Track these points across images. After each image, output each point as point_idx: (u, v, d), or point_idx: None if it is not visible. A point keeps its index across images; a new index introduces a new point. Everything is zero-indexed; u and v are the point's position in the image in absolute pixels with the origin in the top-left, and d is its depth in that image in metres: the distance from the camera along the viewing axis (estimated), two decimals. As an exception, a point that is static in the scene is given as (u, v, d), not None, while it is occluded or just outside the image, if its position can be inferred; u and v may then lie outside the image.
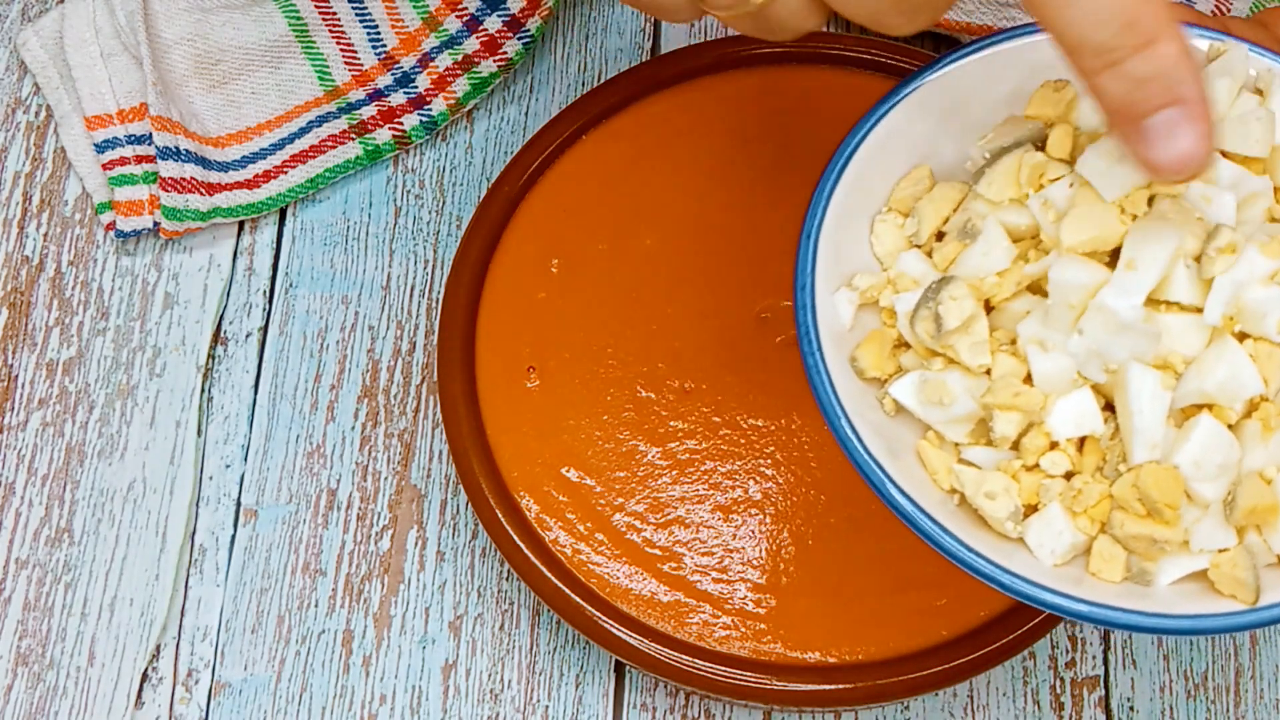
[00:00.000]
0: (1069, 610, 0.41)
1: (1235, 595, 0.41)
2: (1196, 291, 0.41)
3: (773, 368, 0.56)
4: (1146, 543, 0.41)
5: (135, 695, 0.56)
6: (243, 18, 0.63)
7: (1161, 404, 0.40)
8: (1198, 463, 0.40)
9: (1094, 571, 0.42)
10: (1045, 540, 0.42)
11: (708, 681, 0.51)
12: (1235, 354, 0.40)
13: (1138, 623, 0.40)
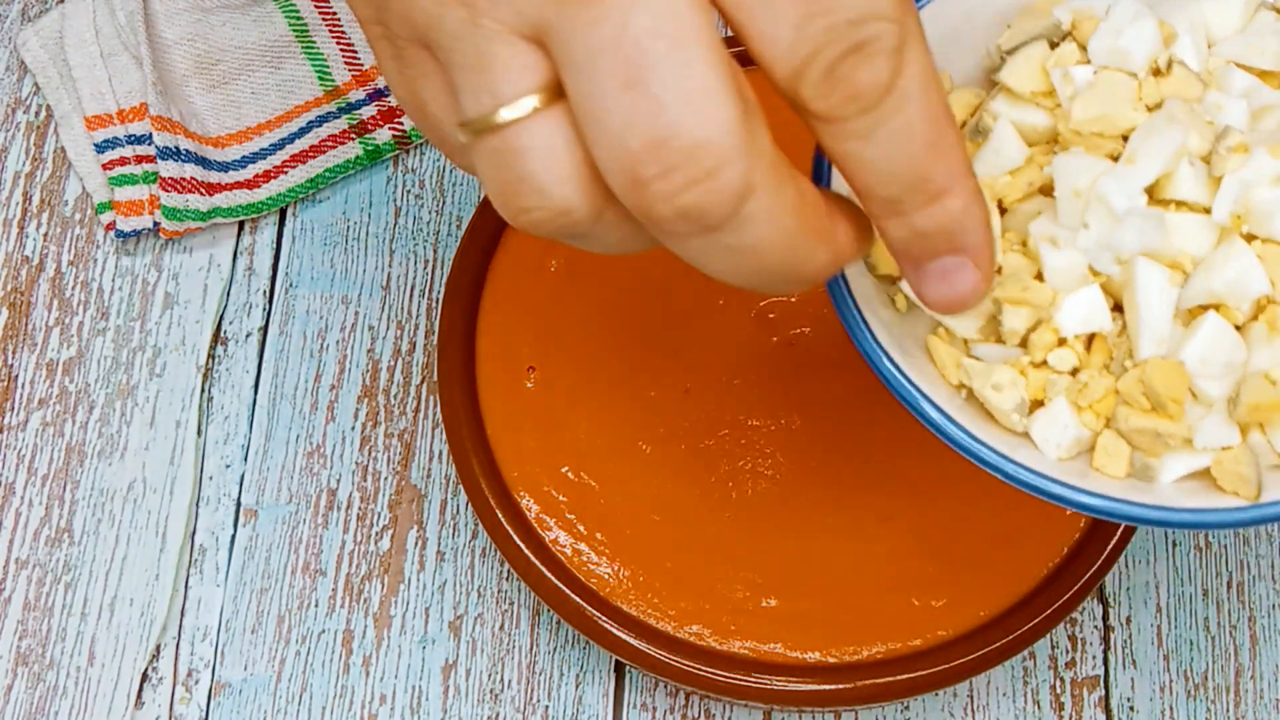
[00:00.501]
0: (1072, 501, 0.41)
1: (1237, 492, 0.41)
2: (1205, 190, 0.41)
3: (773, 368, 0.56)
4: (1151, 437, 0.41)
5: (135, 695, 0.56)
6: (243, 18, 0.63)
7: (1169, 300, 0.40)
8: (1203, 359, 0.40)
9: (1098, 466, 0.42)
10: (1050, 434, 0.42)
11: (708, 681, 0.51)
12: (1243, 254, 0.40)
13: (1141, 515, 0.40)
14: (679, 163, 0.30)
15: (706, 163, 0.31)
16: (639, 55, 0.30)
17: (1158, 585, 0.57)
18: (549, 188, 0.32)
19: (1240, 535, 0.57)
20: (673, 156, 0.30)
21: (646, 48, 0.30)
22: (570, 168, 0.32)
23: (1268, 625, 0.56)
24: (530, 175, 0.32)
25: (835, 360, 0.56)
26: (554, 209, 0.33)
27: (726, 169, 0.31)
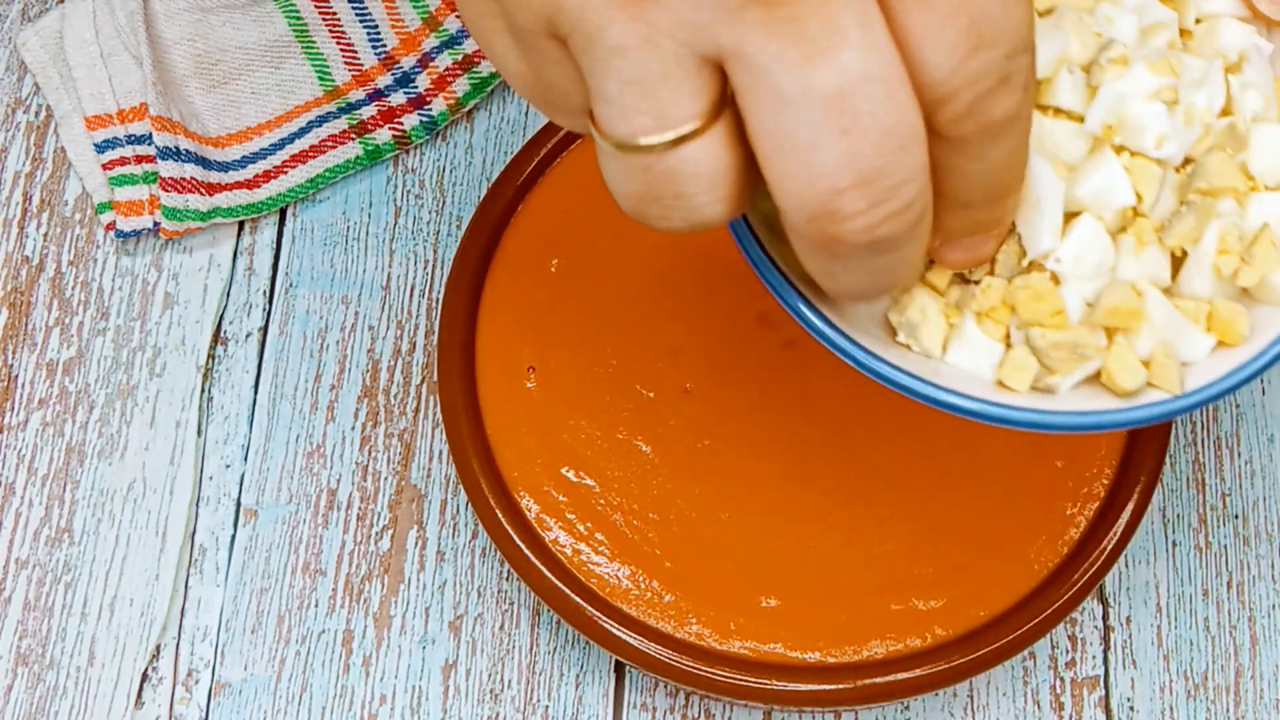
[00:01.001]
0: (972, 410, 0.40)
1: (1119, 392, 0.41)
2: (1081, 99, 0.41)
3: (773, 368, 0.56)
4: (1068, 350, 0.41)
5: (135, 695, 0.56)
6: (243, 18, 0.63)
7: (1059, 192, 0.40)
8: (1077, 258, 0.40)
9: (1001, 379, 0.42)
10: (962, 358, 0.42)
11: (708, 681, 0.51)
12: (1111, 164, 0.40)
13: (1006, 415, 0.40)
14: (883, 199, 0.32)
15: (907, 196, 0.32)
16: (856, 101, 0.31)
17: (1158, 585, 0.57)
18: (699, 207, 0.33)
19: (1240, 535, 0.57)
20: (880, 194, 0.32)
21: (863, 94, 0.31)
22: (724, 188, 0.33)
23: (1268, 625, 0.56)
24: (681, 194, 0.32)
25: (835, 360, 0.56)
26: (697, 223, 0.33)
27: (918, 200, 0.32)
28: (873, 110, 0.31)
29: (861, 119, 0.31)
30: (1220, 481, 0.58)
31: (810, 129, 0.31)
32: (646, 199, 0.33)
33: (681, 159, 0.32)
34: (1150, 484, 0.53)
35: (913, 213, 0.33)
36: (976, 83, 0.32)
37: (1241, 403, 0.59)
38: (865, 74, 0.31)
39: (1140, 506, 0.53)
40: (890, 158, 0.31)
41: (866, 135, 0.31)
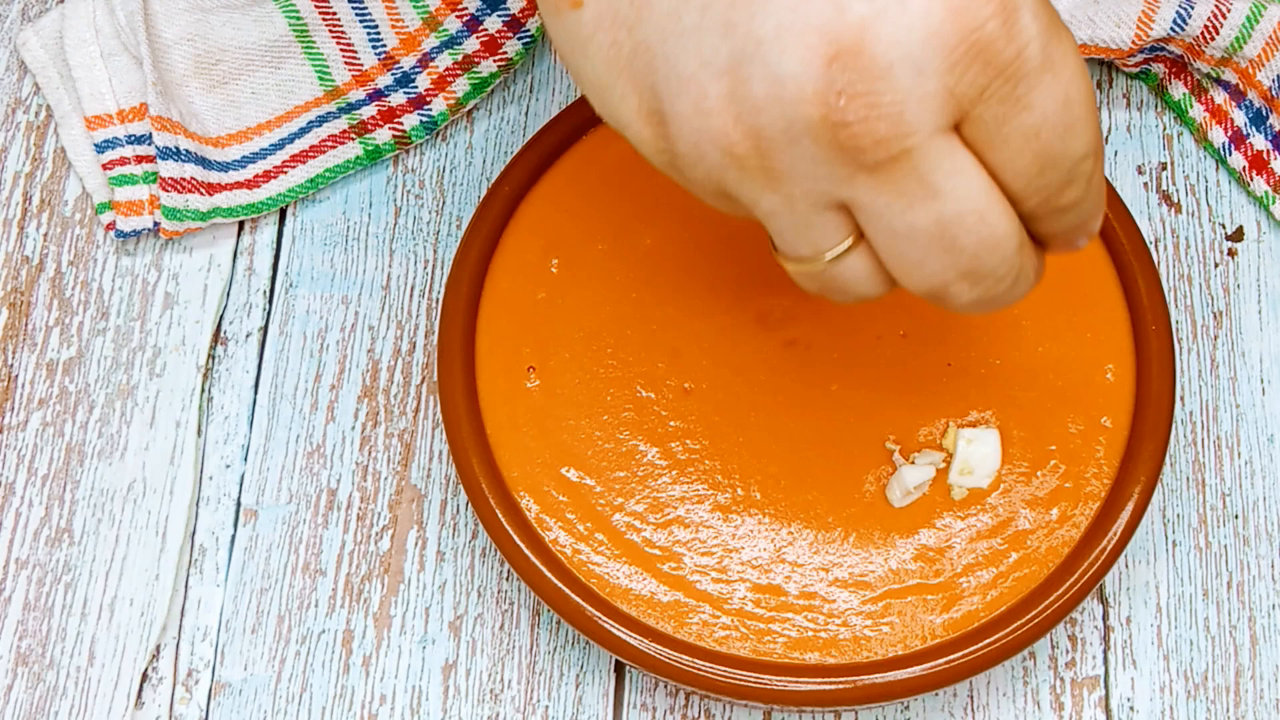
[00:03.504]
0: None
1: None
2: None
3: (773, 368, 0.56)
4: None
5: (135, 695, 0.56)
6: (243, 18, 0.63)
7: None
8: None
9: None
10: None
11: (708, 681, 0.51)
12: None
13: None
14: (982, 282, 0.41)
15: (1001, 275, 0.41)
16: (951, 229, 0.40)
17: (1158, 585, 0.57)
18: (861, 293, 0.43)
19: (1240, 535, 0.57)
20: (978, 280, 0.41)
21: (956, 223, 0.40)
22: (874, 282, 0.42)
23: (1268, 625, 0.56)
24: (845, 287, 0.43)
25: (835, 360, 0.56)
26: (861, 299, 0.43)
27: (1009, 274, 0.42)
28: (966, 235, 0.40)
29: (959, 241, 0.40)
30: (1220, 481, 0.58)
31: (919, 251, 0.40)
32: (823, 291, 0.44)
33: (839, 269, 0.42)
34: (1150, 484, 0.53)
35: (1006, 281, 0.42)
36: (1046, 188, 0.40)
37: (1241, 403, 0.59)
38: (957, 212, 0.40)
39: (1140, 506, 0.53)
40: (988, 260, 0.41)
41: (964, 251, 0.40)
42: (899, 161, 0.39)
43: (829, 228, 0.41)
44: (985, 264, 0.41)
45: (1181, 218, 0.62)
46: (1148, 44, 0.61)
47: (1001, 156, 0.39)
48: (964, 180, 0.39)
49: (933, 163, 0.39)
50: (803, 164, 0.39)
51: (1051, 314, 0.56)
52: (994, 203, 0.40)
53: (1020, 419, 0.55)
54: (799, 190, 0.40)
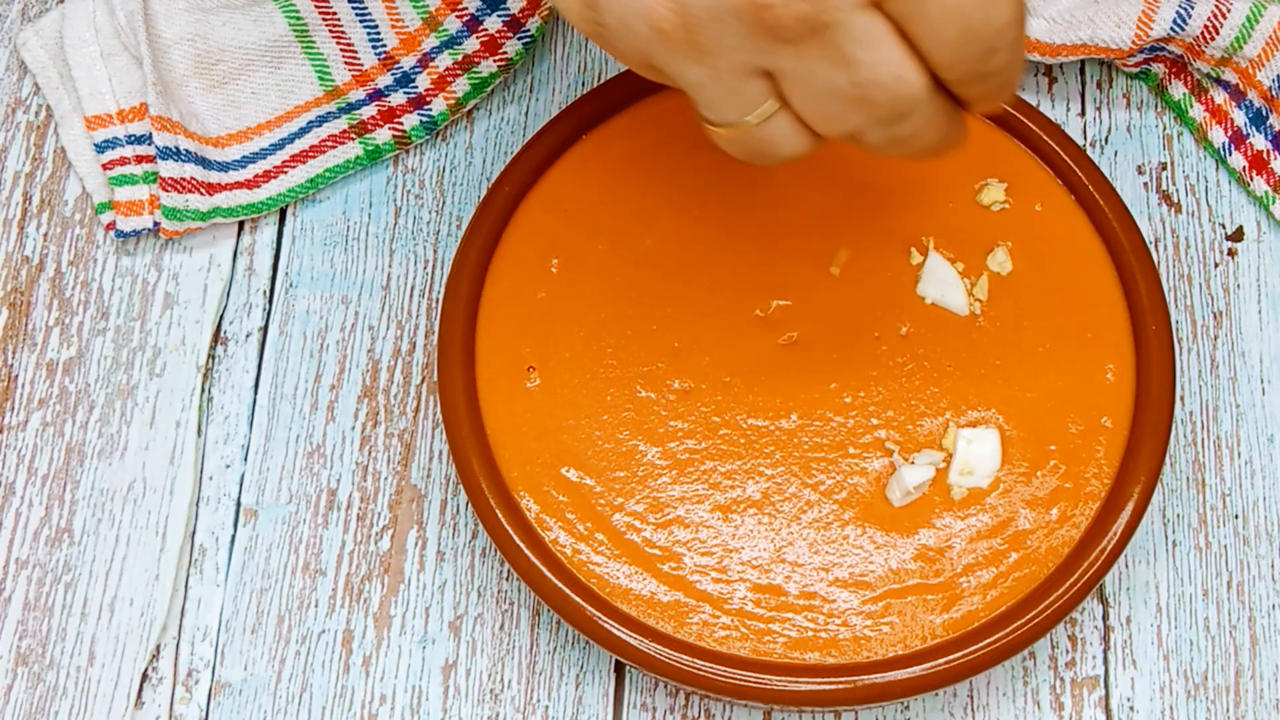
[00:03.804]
0: None
1: None
2: None
3: (773, 368, 0.56)
4: None
5: (135, 695, 0.56)
6: (243, 18, 0.63)
7: None
8: None
9: None
10: None
11: (708, 681, 0.51)
12: None
13: None
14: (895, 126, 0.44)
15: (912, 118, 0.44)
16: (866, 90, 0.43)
17: (1158, 585, 0.57)
18: (783, 152, 0.46)
19: (1240, 535, 0.57)
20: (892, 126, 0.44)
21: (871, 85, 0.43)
22: (797, 140, 0.45)
23: (1268, 625, 0.56)
24: (771, 149, 0.45)
25: (835, 360, 0.56)
26: (785, 159, 0.46)
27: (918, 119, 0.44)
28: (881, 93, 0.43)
29: (873, 98, 0.43)
30: (1220, 481, 0.58)
31: (838, 106, 0.43)
32: (749, 154, 0.46)
33: (764, 131, 0.45)
34: (1150, 484, 0.53)
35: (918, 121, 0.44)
36: (969, 58, 0.43)
37: (1241, 403, 0.59)
38: (873, 75, 0.42)
39: (1140, 506, 0.53)
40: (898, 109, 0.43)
41: (877, 105, 0.43)
42: (819, 34, 0.41)
43: (753, 94, 0.44)
44: (896, 113, 0.43)
45: (1181, 218, 0.62)
46: (1148, 44, 0.61)
47: (923, 30, 0.42)
48: (880, 47, 0.42)
49: (852, 34, 0.42)
50: (728, 40, 0.42)
51: (1052, 314, 0.56)
52: (906, 64, 0.42)
53: (1020, 419, 0.55)
54: (724, 63, 0.43)
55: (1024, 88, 0.64)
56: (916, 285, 0.57)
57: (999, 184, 0.58)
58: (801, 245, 0.57)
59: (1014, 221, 0.57)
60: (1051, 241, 0.57)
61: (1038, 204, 0.58)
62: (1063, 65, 0.64)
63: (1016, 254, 0.57)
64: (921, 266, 0.57)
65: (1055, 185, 0.58)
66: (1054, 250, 0.57)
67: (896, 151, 0.46)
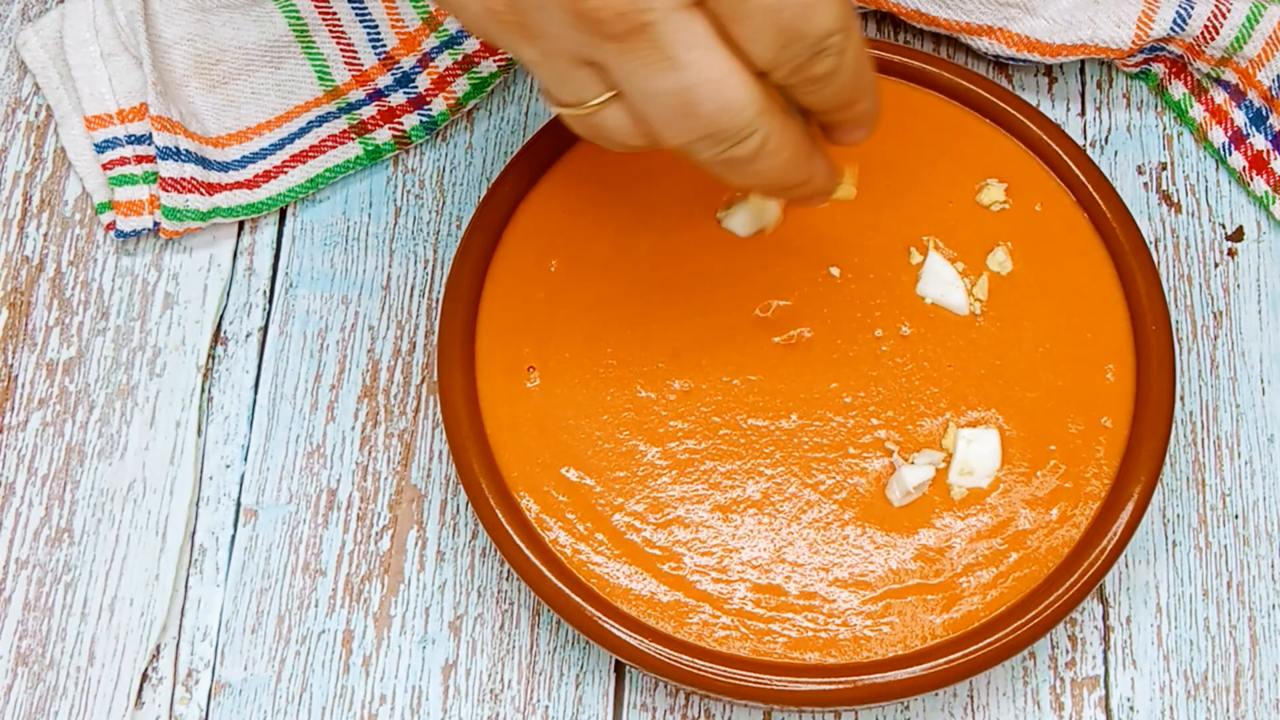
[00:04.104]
0: None
1: None
2: None
3: (773, 368, 0.56)
4: None
5: (135, 695, 0.56)
6: (243, 18, 0.63)
7: None
8: None
9: None
10: None
11: (708, 681, 0.51)
12: None
13: None
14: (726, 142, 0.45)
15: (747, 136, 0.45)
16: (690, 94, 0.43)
17: (1158, 585, 0.57)
18: (622, 142, 0.46)
19: (1240, 535, 0.57)
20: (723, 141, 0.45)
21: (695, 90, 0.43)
22: (633, 134, 0.46)
23: (1268, 625, 0.56)
24: (609, 136, 0.46)
25: (835, 360, 0.56)
26: (624, 149, 0.46)
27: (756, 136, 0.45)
28: (704, 101, 0.43)
29: (697, 107, 0.43)
30: (1220, 481, 0.58)
31: (664, 113, 0.44)
32: (591, 136, 0.46)
33: (601, 118, 0.46)
34: (1150, 484, 0.53)
35: (754, 143, 0.45)
36: (793, 61, 0.44)
37: (1241, 403, 0.59)
38: (695, 81, 0.43)
39: (1140, 506, 0.53)
40: (725, 122, 0.44)
41: (702, 115, 0.44)
42: (639, 33, 0.42)
43: (586, 82, 0.44)
44: (726, 127, 0.44)
45: (1181, 218, 0.62)
46: (1148, 44, 0.61)
47: (744, 31, 0.43)
48: (703, 53, 0.42)
49: (672, 36, 0.42)
50: (553, 26, 0.43)
51: (1052, 314, 0.56)
52: (732, 72, 0.43)
53: (1020, 419, 0.55)
54: (552, 47, 0.44)
55: (1024, 88, 0.64)
56: (916, 285, 0.57)
57: (999, 184, 0.58)
58: (801, 245, 0.57)
59: (1014, 221, 0.57)
60: (1051, 241, 0.57)
61: (1038, 204, 0.58)
62: (1063, 65, 0.64)
63: (1016, 254, 0.57)
64: (921, 266, 0.57)
65: (1055, 185, 0.58)
66: (1054, 250, 0.57)
67: (744, 180, 0.46)
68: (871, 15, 0.65)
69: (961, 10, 0.62)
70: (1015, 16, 0.61)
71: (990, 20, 0.62)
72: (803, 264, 0.57)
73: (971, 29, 0.62)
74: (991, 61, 0.64)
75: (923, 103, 0.59)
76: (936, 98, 0.59)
